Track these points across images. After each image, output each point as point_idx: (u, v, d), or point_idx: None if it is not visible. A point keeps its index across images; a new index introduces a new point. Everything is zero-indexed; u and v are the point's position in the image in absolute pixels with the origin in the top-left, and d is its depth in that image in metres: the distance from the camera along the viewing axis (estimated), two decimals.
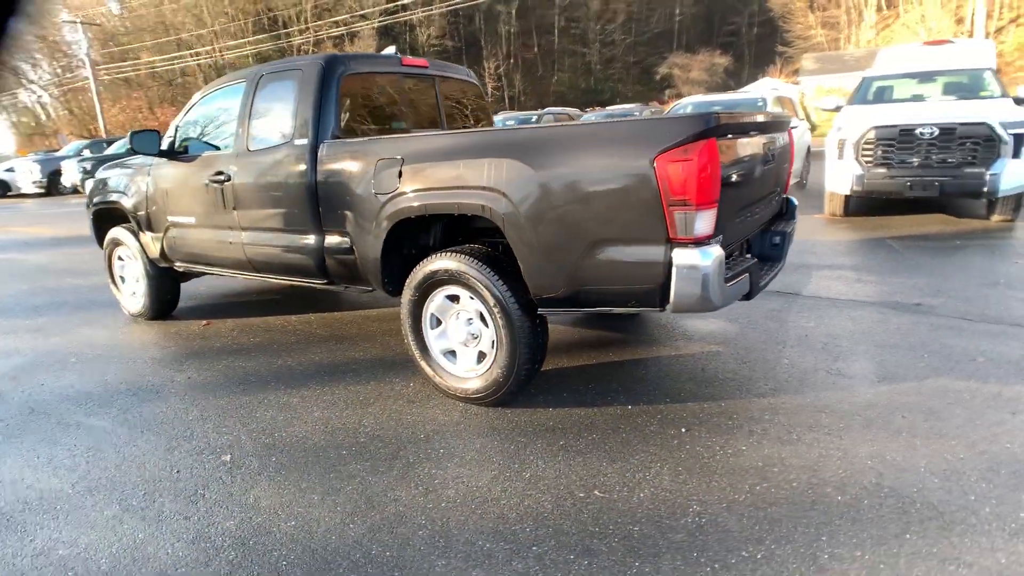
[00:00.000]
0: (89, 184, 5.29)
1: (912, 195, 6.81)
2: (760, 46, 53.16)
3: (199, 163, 4.14)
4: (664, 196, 2.37)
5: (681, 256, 2.41)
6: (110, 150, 21.34)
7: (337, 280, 3.62)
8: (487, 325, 2.98)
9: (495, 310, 2.87)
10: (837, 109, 8.40)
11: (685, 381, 3.33)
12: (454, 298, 3.09)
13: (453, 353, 3.20)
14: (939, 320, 4.02)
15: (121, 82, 44.84)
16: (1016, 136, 6.40)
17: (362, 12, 49.10)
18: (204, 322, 4.90)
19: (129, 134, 4.17)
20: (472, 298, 2.98)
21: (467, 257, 2.94)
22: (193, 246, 4.32)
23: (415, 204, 3.01)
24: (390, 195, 3.10)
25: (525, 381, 2.99)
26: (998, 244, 6.10)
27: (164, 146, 4.29)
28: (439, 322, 3.20)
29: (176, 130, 4.35)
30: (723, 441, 2.69)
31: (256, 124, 3.79)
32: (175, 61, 44.95)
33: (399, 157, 3.08)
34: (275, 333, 4.53)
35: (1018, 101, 7.09)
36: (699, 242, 2.43)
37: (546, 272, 2.70)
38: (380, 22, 50.08)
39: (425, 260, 3.10)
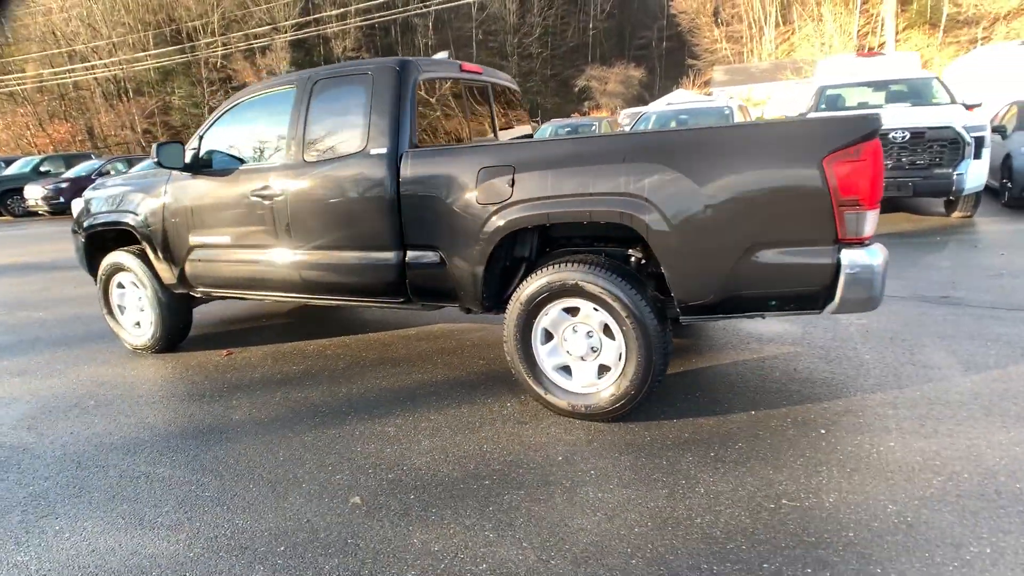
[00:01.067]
0: (77, 204, 4.72)
1: (887, 195, 7.25)
2: (670, 59, 55.72)
3: (236, 177, 3.77)
4: (834, 197, 2.36)
5: (851, 256, 2.40)
6: (9, 171, 19.40)
7: (417, 298, 3.39)
8: (613, 337, 2.86)
9: (627, 321, 2.76)
10: (801, 116, 8.85)
11: (787, 383, 3.34)
12: (571, 311, 2.95)
13: (565, 369, 3.05)
14: (975, 311, 4.26)
15: (4, 96, 40.93)
16: (976, 138, 6.97)
17: (274, 25, 47.38)
18: (224, 352, 4.47)
19: (154, 147, 3.74)
20: (597, 309, 2.86)
21: (593, 267, 2.81)
22: (226, 269, 3.92)
23: (533, 214, 2.85)
24: (500, 205, 2.93)
25: (652, 392, 2.89)
26: (972, 238, 6.60)
27: (188, 159, 3.89)
28: (549, 337, 3.04)
29: (200, 141, 3.95)
30: (867, 439, 2.70)
31: (314, 133, 3.49)
32: (68, 74, 41.56)
33: (510, 165, 2.92)
34: (316, 359, 4.19)
35: (967, 107, 7.74)
36: (863, 242, 2.43)
37: (697, 279, 2.63)
38: (293, 35, 48.55)
39: (540, 271, 2.94)
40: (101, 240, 4.62)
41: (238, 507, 2.51)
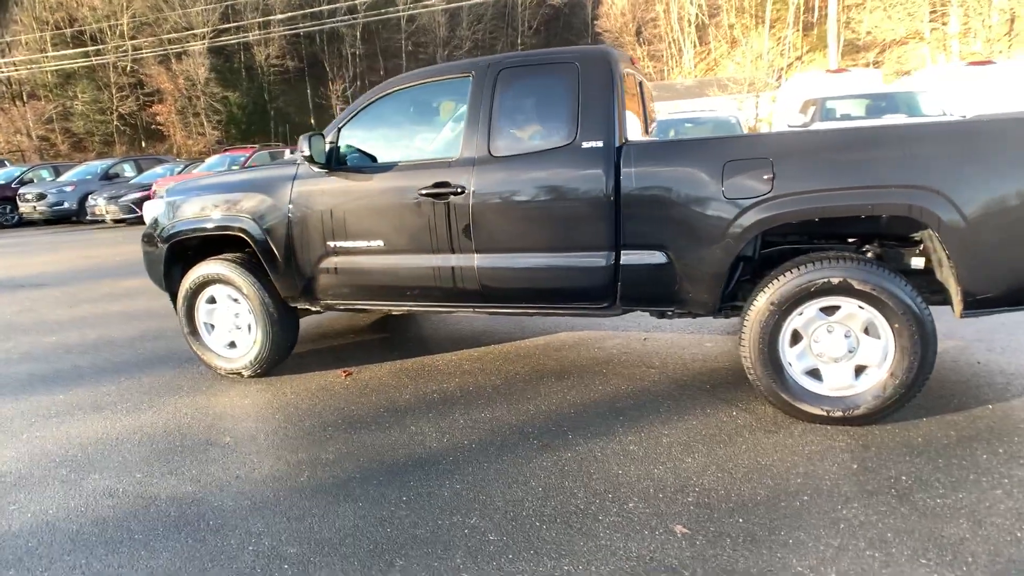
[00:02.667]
0: (152, 209, 4.07)
1: None
2: None
3: (394, 174, 3.35)
4: None
5: None
6: None
7: (625, 302, 3.11)
8: (877, 336, 2.72)
9: (902, 318, 2.62)
10: (805, 126, 9.20)
11: (987, 375, 3.33)
12: (826, 310, 2.79)
13: (811, 372, 2.87)
14: None
15: None
16: None
17: (191, 30, 44.73)
18: (342, 372, 3.96)
19: (303, 139, 3.26)
20: (863, 307, 2.70)
21: (863, 263, 2.67)
22: (373, 277, 3.47)
23: (800, 208, 2.66)
24: (756, 200, 2.72)
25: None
26: None
27: (325, 154, 3.42)
28: (795, 339, 2.86)
29: (338, 134, 3.48)
30: None
31: (504, 125, 3.14)
32: None
33: (765, 157, 2.72)
34: (460, 376, 3.77)
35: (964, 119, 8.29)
36: None
37: (989, 272, 2.54)
38: (213, 42, 46.07)
39: (795, 271, 2.74)
40: (182, 250, 4.00)
41: (548, 551, 2.14)
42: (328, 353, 4.42)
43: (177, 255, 4.00)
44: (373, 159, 3.52)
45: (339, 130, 3.49)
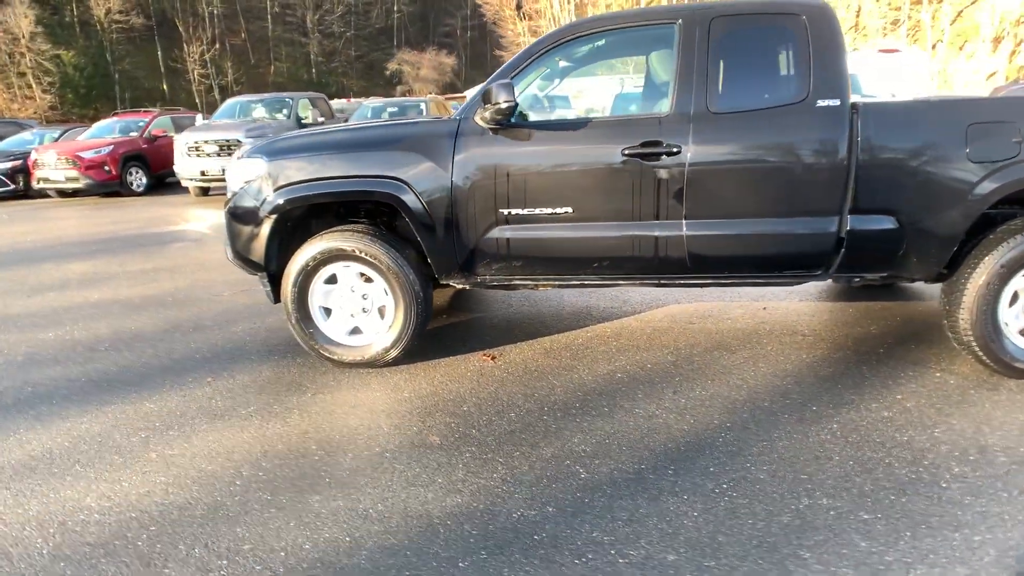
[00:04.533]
0: (241, 171, 3.34)
1: None
2: (474, 48, 56.74)
3: (587, 133, 3.02)
4: None
5: None
6: None
7: (843, 269, 3.06)
8: None
9: None
10: None
11: None
12: None
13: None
14: None
15: None
16: None
17: None
18: (485, 356, 3.56)
19: (501, 88, 2.81)
20: None
21: None
22: (560, 247, 3.12)
23: None
24: (1003, 164, 2.77)
25: None
26: None
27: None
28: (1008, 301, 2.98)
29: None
30: None
31: (724, 79, 2.92)
32: None
33: (1012, 120, 2.77)
34: (623, 354, 3.51)
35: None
36: None
37: None
38: None
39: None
40: (285, 221, 3.36)
41: (937, 524, 2.06)
42: (441, 335, 3.96)
43: (282, 227, 3.35)
44: (528, 116, 3.16)
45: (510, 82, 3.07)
